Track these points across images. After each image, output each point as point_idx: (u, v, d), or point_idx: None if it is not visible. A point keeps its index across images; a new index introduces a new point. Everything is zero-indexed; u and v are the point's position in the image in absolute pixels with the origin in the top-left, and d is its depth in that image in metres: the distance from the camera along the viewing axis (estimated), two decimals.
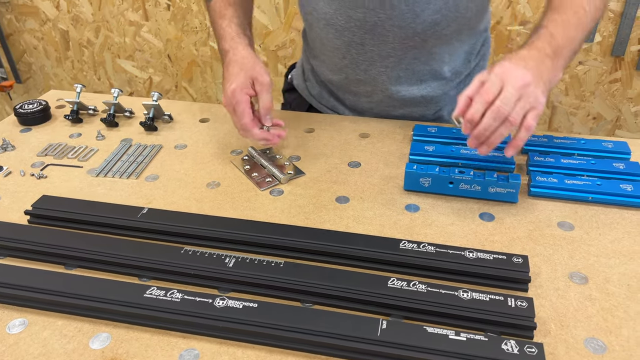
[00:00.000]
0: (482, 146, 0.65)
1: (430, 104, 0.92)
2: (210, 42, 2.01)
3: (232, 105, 0.75)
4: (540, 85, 0.64)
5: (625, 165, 0.74)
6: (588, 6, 0.71)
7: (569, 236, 0.65)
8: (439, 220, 0.68)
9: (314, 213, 0.70)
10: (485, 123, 0.62)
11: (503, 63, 0.65)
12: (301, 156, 0.82)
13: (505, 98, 0.62)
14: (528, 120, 0.63)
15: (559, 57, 0.68)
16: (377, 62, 0.87)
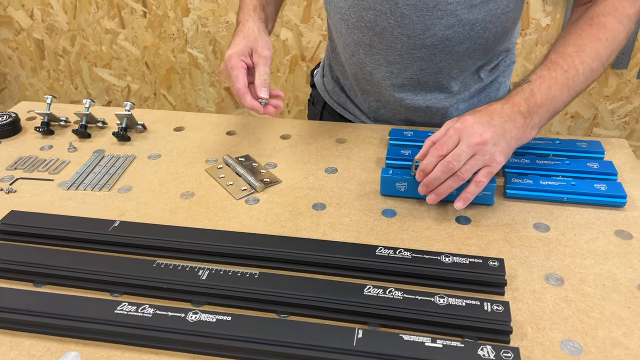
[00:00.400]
0: (430, 194, 0.68)
1: (435, 114, 0.91)
2: (188, 48, 1.99)
3: (228, 70, 0.76)
4: (500, 144, 0.65)
5: (599, 165, 0.75)
6: (582, 67, 0.71)
7: (544, 237, 0.65)
8: (416, 225, 0.68)
9: (290, 221, 0.69)
10: (434, 175, 0.66)
11: (467, 117, 0.66)
12: (277, 163, 0.82)
13: (456, 154, 0.64)
14: (479, 177, 0.65)
15: (534, 115, 0.68)
16: (382, 66, 0.86)
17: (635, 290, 0.57)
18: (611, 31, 0.73)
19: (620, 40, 0.74)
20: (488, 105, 0.68)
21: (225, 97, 2.08)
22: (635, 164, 0.79)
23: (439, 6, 0.77)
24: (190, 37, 1.97)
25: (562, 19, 1.70)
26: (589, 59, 0.71)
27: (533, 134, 0.69)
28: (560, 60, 0.71)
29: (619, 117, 1.83)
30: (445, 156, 0.65)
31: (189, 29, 1.96)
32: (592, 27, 0.73)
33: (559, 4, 1.69)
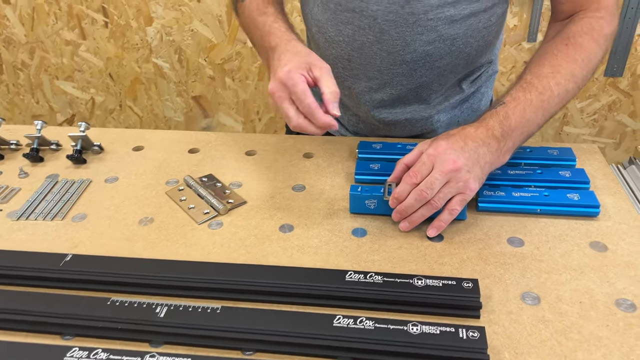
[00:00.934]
0: (404, 222, 0.66)
1: (416, 126, 0.88)
2: (153, 58, 1.94)
3: (288, 88, 0.63)
4: (474, 170, 0.63)
5: (571, 173, 0.73)
6: (557, 89, 0.69)
7: (519, 253, 0.63)
8: (387, 245, 0.65)
9: (255, 246, 0.66)
10: (407, 203, 0.64)
11: (440, 142, 0.64)
12: (242, 182, 0.78)
13: (429, 182, 0.62)
14: (452, 204, 0.64)
15: (508, 139, 0.67)
16: (362, 81, 0.84)
17: (612, 307, 0.56)
18: (587, 52, 0.71)
19: (597, 61, 0.73)
20: (462, 129, 0.66)
21: (193, 107, 2.03)
22: (606, 170, 0.78)
23: (419, 22, 0.74)
24: (154, 47, 1.92)
25: (528, 19, 1.70)
26: (564, 81, 0.69)
27: (507, 158, 0.67)
28: (536, 81, 0.69)
29: (588, 115, 1.85)
30: (419, 184, 0.63)
31: (153, 38, 1.90)
32: (569, 47, 0.72)
33: (525, 4, 1.69)
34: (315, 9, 0.81)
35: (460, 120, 0.90)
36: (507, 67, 1.79)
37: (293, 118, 0.64)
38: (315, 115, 0.62)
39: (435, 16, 0.74)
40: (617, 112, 1.82)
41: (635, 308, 0.55)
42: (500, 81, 1.81)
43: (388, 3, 0.74)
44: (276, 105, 0.64)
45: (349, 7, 0.76)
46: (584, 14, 0.75)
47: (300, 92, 0.62)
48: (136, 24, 1.88)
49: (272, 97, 0.64)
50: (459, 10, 0.74)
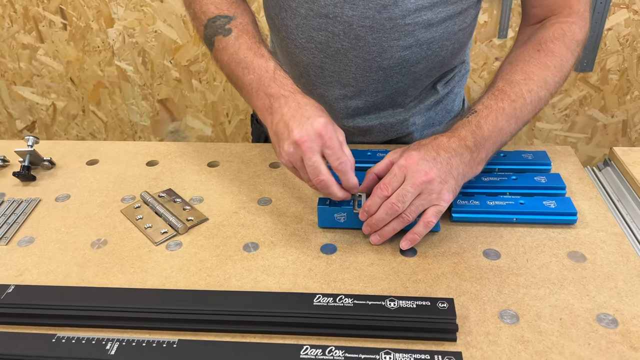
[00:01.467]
0: (374, 235, 0.63)
1: (391, 130, 0.85)
2: (115, 61, 1.87)
3: (323, 140, 0.59)
4: (448, 181, 0.61)
5: (547, 179, 0.71)
6: (530, 96, 0.67)
7: (495, 266, 0.60)
8: (358, 262, 0.62)
9: (217, 268, 0.61)
10: (378, 216, 0.61)
11: (411, 153, 0.61)
12: (204, 197, 0.73)
13: (400, 195, 0.59)
14: (428, 216, 0.61)
15: (481, 149, 0.64)
16: (335, 88, 0.80)
17: (593, 323, 0.53)
18: (559, 58, 0.69)
19: (569, 67, 0.71)
20: (434, 139, 0.64)
21: (159, 111, 1.96)
22: (582, 174, 0.75)
23: (397, 27, 0.71)
24: (117, 49, 1.85)
25: (499, 15, 1.69)
26: (536, 87, 0.67)
27: (480, 168, 0.65)
28: (508, 89, 0.67)
29: (560, 111, 1.84)
30: (390, 196, 0.60)
31: (115, 40, 1.83)
32: (540, 53, 0.69)
33: (495, 0, 1.67)
34: (282, 14, 0.76)
35: (435, 122, 0.87)
36: (479, 64, 1.78)
37: (324, 173, 0.60)
38: (348, 175, 0.61)
39: (412, 20, 0.71)
40: (588, 106, 1.82)
41: (617, 324, 0.53)
42: (472, 78, 1.80)
43: (364, 8, 0.70)
44: (301, 154, 0.59)
45: (321, 12, 0.72)
46: (555, 19, 0.73)
47: (338, 147, 0.60)
48: (97, 25, 1.80)
49: (301, 146, 0.59)
50: (436, 13, 0.71)
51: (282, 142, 0.61)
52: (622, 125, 1.86)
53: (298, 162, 0.61)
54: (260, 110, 0.66)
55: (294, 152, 0.60)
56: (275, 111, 0.63)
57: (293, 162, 0.61)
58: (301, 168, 0.61)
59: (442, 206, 0.61)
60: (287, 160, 0.61)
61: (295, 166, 0.62)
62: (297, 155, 0.60)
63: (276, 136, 0.62)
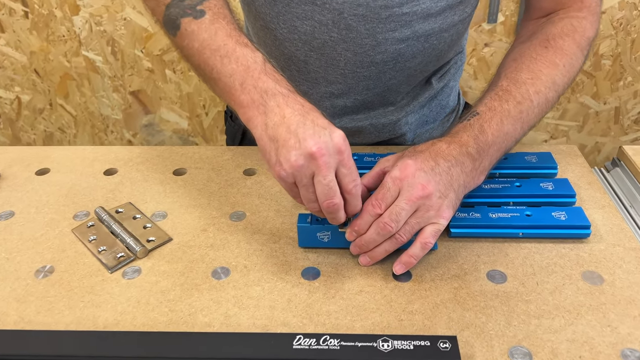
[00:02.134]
0: (364, 256, 0.56)
1: (382, 131, 0.76)
2: (82, 51, 1.75)
3: (341, 157, 0.50)
4: (448, 195, 0.53)
5: (554, 185, 0.63)
6: (537, 98, 0.59)
7: (502, 291, 0.53)
8: (345, 289, 0.54)
9: (181, 300, 0.53)
10: (369, 237, 0.53)
11: (407, 162, 0.53)
12: (168, 212, 0.64)
13: (394, 213, 0.52)
14: (425, 236, 0.53)
15: (484, 157, 0.56)
16: (321, 86, 0.70)
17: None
18: (569, 56, 0.62)
19: (578, 66, 0.63)
20: (431, 144, 0.56)
21: (132, 103, 1.85)
22: (591, 178, 0.68)
23: (393, 17, 0.62)
24: (83, 38, 1.73)
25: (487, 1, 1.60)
26: (544, 88, 0.60)
27: (482, 178, 0.58)
28: (513, 89, 0.59)
29: None
30: (382, 215, 0.52)
31: (81, 28, 1.71)
32: (549, 50, 0.62)
33: None
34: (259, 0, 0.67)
35: (429, 120, 0.79)
36: (468, 51, 1.69)
37: (339, 195, 0.50)
38: (358, 200, 0.52)
39: (410, 9, 0.62)
40: (580, 93, 1.75)
41: None
42: None
43: None
44: (314, 169, 0.49)
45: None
46: (564, 13, 0.65)
47: (355, 167, 0.51)
48: (61, 13, 1.68)
49: (317, 160, 0.48)
50: (435, 2, 0.62)
51: (285, 151, 0.49)
52: (615, 113, 1.79)
53: (305, 179, 0.50)
54: (247, 107, 0.53)
55: (304, 165, 0.49)
56: (271, 110, 0.51)
57: (297, 177, 0.50)
58: (306, 186, 0.50)
59: (441, 224, 0.53)
60: (288, 173, 0.49)
61: (299, 183, 0.50)
62: (307, 170, 0.49)
63: (273, 142, 0.50)
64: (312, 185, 0.51)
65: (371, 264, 0.56)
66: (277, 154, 0.50)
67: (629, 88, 1.74)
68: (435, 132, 0.81)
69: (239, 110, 0.55)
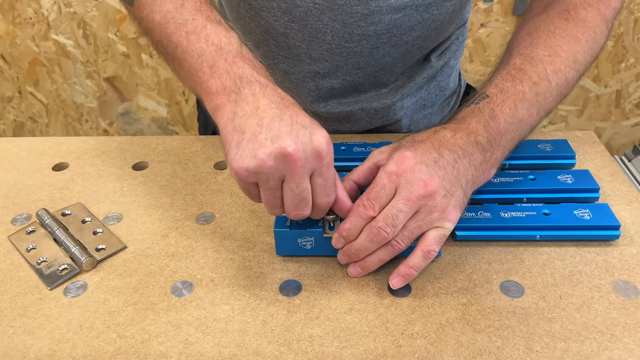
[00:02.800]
0: (354, 266, 0.47)
1: (374, 118, 0.66)
2: (52, 34, 1.63)
3: (320, 164, 0.41)
4: (455, 193, 0.44)
5: (574, 178, 0.54)
6: (556, 78, 0.50)
7: (519, 307, 0.44)
8: (331, 307, 0.45)
9: (133, 323, 0.44)
10: (360, 244, 0.45)
11: (405, 155, 0.44)
12: (124, 214, 0.55)
13: (390, 216, 0.43)
14: (428, 243, 0.44)
15: (496, 147, 0.47)
16: (303, 64, 0.61)
17: None
18: (592, 29, 0.53)
19: (602, 42, 0.54)
20: (433, 132, 0.47)
21: (107, 90, 1.74)
22: (613, 169, 0.59)
23: None
24: (52, 21, 1.61)
25: None
26: (564, 67, 0.51)
27: (493, 172, 0.49)
28: (528, 67, 0.50)
29: None
30: (375, 217, 0.43)
31: (50, 10, 1.59)
32: (569, 22, 0.53)
33: None
34: None
35: (427, 104, 0.69)
36: None
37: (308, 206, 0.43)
38: (323, 213, 0.45)
39: None
40: None
41: None
42: None
43: None
44: (286, 172, 0.40)
45: None
46: None
47: (332, 179, 0.43)
48: None
49: (291, 163, 0.40)
50: None
51: (251, 146, 0.40)
52: (616, 96, 1.71)
53: (272, 182, 0.41)
54: (215, 93, 0.44)
55: (273, 167, 0.40)
56: (244, 99, 0.42)
57: (262, 179, 0.41)
58: (273, 189, 0.42)
59: (447, 228, 0.44)
60: (251, 173, 0.40)
61: (263, 185, 0.42)
62: (276, 173, 0.40)
63: (239, 133, 0.41)
64: (279, 190, 0.42)
65: (363, 276, 0.47)
66: (240, 147, 0.41)
67: (631, 70, 1.65)
68: (434, 117, 0.71)
69: (205, 97, 0.46)
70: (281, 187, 0.42)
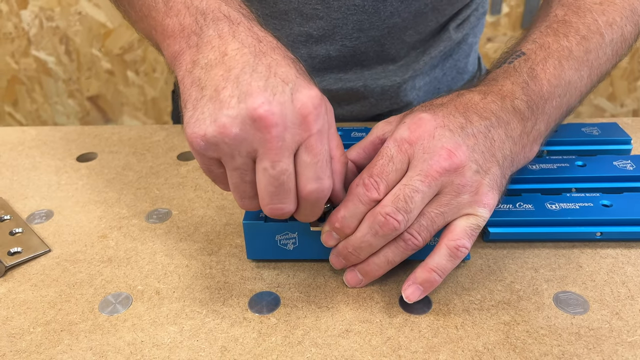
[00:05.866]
0: (351, 272, 0.34)
1: (381, 99, 0.55)
2: (32, 50, 1.54)
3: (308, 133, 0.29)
4: (490, 169, 0.33)
5: (635, 164, 0.42)
6: (609, 32, 0.40)
7: (585, 327, 0.31)
8: (320, 327, 0.32)
9: (39, 350, 0.31)
10: (359, 238, 0.32)
11: (420, 117, 0.33)
12: (55, 210, 0.43)
13: (400, 198, 0.31)
14: (456, 236, 0.32)
15: (539, 116, 0.36)
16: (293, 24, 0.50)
17: None
18: None
19: None
20: (457, 95, 0.36)
21: (90, 110, 1.64)
22: None
23: None
24: (33, 36, 1.52)
25: None
26: (619, 18, 0.40)
27: (536, 150, 0.37)
28: (574, 19, 0.40)
29: None
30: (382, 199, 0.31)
31: (31, 25, 1.51)
32: None
33: None
34: None
35: (442, 86, 0.58)
36: None
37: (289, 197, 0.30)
38: (317, 206, 0.31)
39: None
40: (594, 95, 1.57)
41: None
42: None
43: None
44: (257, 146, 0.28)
45: None
46: None
47: (325, 155, 0.30)
48: (6, 7, 1.48)
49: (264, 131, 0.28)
50: None
51: (212, 107, 0.29)
52: (633, 116, 1.61)
53: (239, 159, 0.29)
54: (171, 36, 0.33)
55: (240, 136, 0.28)
56: (207, 43, 0.31)
57: (225, 154, 0.29)
58: (240, 170, 0.30)
59: (481, 216, 0.32)
60: (209, 143, 0.29)
61: (227, 163, 0.30)
62: (244, 145, 0.29)
63: (199, 88, 0.30)
64: (250, 171, 0.30)
65: (364, 285, 0.34)
66: (197, 107, 0.29)
67: None
68: None
69: (161, 44, 0.35)
70: (254, 168, 0.30)
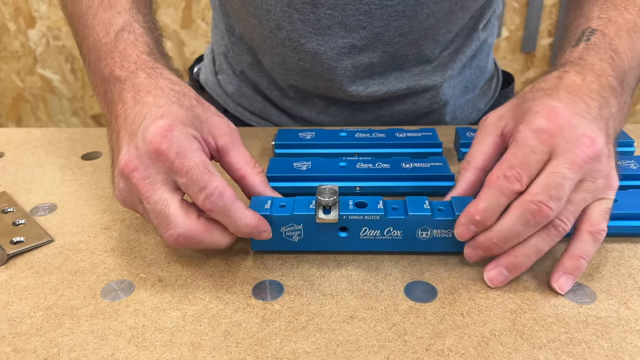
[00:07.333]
0: (495, 270, 0.33)
1: (418, 103, 0.56)
2: (38, 69, 1.56)
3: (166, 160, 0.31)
4: (612, 151, 0.34)
5: (639, 164, 0.43)
6: None
7: (593, 316, 0.31)
8: (324, 313, 0.31)
9: (39, 333, 0.30)
10: (506, 229, 0.32)
11: (553, 104, 0.33)
12: (59, 203, 0.43)
13: (551, 186, 0.31)
14: (596, 222, 0.33)
15: (626, 89, 0.37)
16: (336, 37, 0.50)
17: None
18: None
19: None
20: (557, 78, 0.36)
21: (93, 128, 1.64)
22: None
23: None
24: (40, 55, 1.55)
25: None
26: None
27: (623, 124, 0.38)
28: None
29: None
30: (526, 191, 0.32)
31: (37, 43, 1.53)
32: None
33: None
34: None
35: (469, 86, 0.59)
36: None
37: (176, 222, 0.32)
38: (232, 211, 0.32)
39: None
40: None
41: None
42: None
43: None
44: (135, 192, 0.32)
45: None
46: None
47: (198, 168, 0.32)
48: (14, 25, 1.51)
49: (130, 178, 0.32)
50: None
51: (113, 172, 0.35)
52: None
53: (139, 206, 0.34)
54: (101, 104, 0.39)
55: (124, 189, 0.34)
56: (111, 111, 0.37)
57: (128, 205, 0.35)
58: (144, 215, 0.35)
59: (610, 199, 0.34)
60: (122, 201, 0.35)
61: (139, 212, 0.35)
62: (132, 196, 0.33)
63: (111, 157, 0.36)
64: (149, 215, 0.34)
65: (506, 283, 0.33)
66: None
67: None
68: (478, 102, 0.61)
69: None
70: None
